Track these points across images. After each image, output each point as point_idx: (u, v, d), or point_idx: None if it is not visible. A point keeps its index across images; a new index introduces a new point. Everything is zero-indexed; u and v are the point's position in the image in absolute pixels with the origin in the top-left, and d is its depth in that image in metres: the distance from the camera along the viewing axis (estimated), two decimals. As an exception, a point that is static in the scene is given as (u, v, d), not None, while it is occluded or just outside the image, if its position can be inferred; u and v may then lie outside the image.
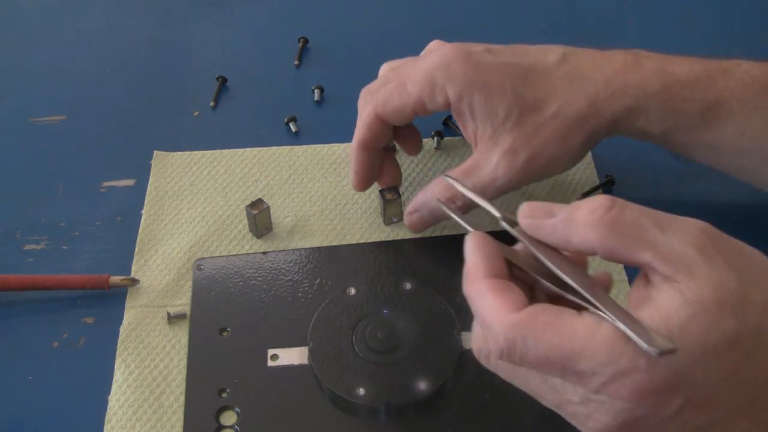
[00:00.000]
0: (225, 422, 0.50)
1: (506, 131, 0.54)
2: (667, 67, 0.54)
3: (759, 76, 0.54)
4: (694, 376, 0.36)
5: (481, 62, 0.55)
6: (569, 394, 0.38)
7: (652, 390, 0.36)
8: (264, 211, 0.59)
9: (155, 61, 0.77)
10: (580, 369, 0.36)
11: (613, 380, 0.36)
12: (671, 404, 0.36)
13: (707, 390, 0.36)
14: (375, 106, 0.57)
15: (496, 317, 0.38)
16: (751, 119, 0.53)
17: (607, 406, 0.37)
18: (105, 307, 0.57)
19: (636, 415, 0.37)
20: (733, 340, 0.36)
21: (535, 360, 0.37)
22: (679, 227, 0.38)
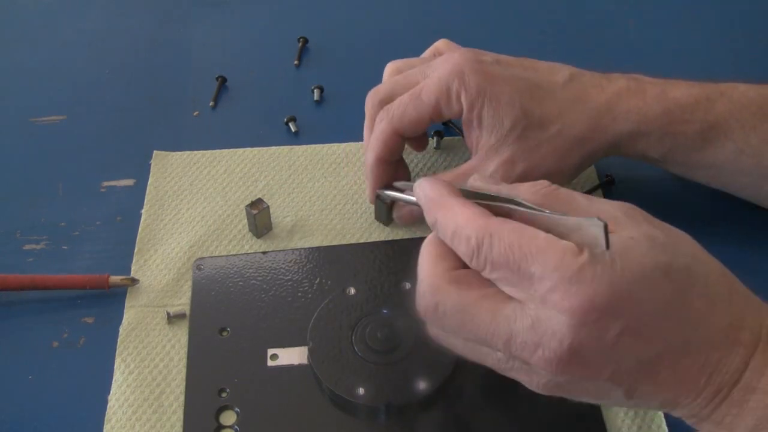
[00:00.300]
0: (225, 422, 0.50)
1: (508, 143, 0.55)
2: (668, 92, 0.56)
3: (755, 97, 0.56)
4: (632, 299, 0.39)
5: (493, 73, 0.56)
6: (519, 319, 0.40)
7: (594, 304, 0.38)
8: (264, 210, 0.59)
9: (155, 61, 0.77)
10: (532, 271, 0.39)
11: (559, 287, 0.38)
12: (613, 326, 0.38)
13: (644, 317, 0.39)
14: (391, 122, 0.57)
15: (469, 221, 0.41)
16: (750, 138, 0.55)
17: (554, 325, 0.39)
18: (105, 307, 0.57)
19: (581, 337, 0.38)
20: (666, 270, 0.39)
21: (498, 257, 0.40)
22: (607, 202, 0.43)
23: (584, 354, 0.39)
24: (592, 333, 0.38)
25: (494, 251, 0.40)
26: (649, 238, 0.40)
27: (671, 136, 0.56)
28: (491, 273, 0.41)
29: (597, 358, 0.39)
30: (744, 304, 0.42)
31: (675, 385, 0.41)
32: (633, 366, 0.40)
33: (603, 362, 0.39)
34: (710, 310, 0.40)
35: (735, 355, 0.40)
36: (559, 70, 0.57)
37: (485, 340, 0.41)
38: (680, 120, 0.55)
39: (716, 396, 0.40)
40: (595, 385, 0.41)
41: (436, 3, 0.83)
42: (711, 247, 0.59)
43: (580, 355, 0.39)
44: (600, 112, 0.56)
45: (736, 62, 0.76)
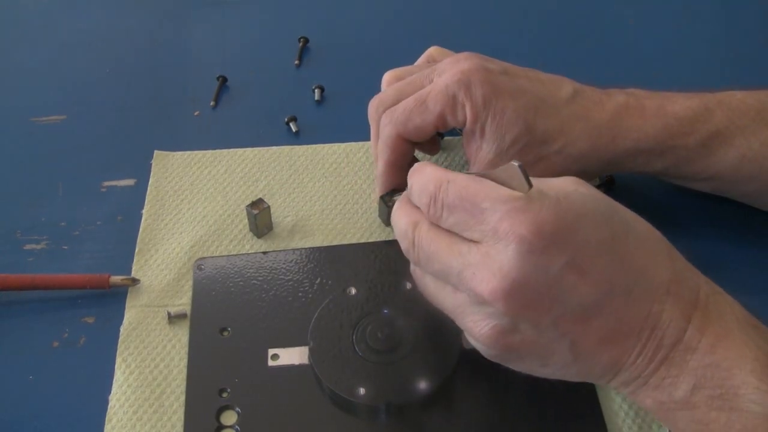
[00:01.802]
0: (225, 422, 0.50)
1: (508, 157, 0.55)
2: (666, 106, 0.56)
3: (753, 103, 0.56)
4: (577, 231, 0.40)
5: (499, 85, 0.55)
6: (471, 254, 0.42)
7: (541, 230, 0.40)
8: (264, 210, 0.59)
9: (156, 60, 0.77)
10: (484, 206, 0.41)
11: (508, 215, 0.40)
12: (557, 259, 0.40)
13: (588, 254, 0.41)
14: (396, 127, 0.57)
15: (433, 174, 0.44)
16: (751, 143, 0.55)
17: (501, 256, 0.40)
18: (105, 307, 0.56)
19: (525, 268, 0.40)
20: (607, 216, 0.42)
21: (453, 199, 0.43)
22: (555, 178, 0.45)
23: (529, 285, 0.40)
24: (538, 262, 0.40)
25: (450, 194, 0.43)
26: (593, 194, 0.43)
27: (672, 149, 0.56)
28: (448, 218, 0.43)
29: (542, 292, 0.40)
30: (682, 266, 0.43)
31: (618, 339, 0.41)
32: (577, 309, 0.41)
33: (548, 298, 0.40)
34: (651, 262, 0.42)
35: (675, 310, 0.41)
36: (562, 85, 0.57)
37: (444, 272, 0.43)
38: (680, 133, 0.55)
39: (657, 354, 0.41)
40: (540, 333, 0.41)
41: (436, 3, 0.83)
42: (711, 246, 0.60)
43: (525, 286, 0.40)
44: (601, 130, 0.56)
45: (736, 62, 0.76)
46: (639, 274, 0.41)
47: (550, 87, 0.57)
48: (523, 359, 0.43)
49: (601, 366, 0.43)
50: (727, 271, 0.58)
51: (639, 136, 0.56)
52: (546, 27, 0.80)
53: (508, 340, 0.42)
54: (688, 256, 0.59)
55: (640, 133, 0.56)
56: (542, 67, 0.59)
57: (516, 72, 0.57)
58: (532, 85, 0.56)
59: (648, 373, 0.42)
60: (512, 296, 0.40)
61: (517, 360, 0.44)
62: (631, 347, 0.42)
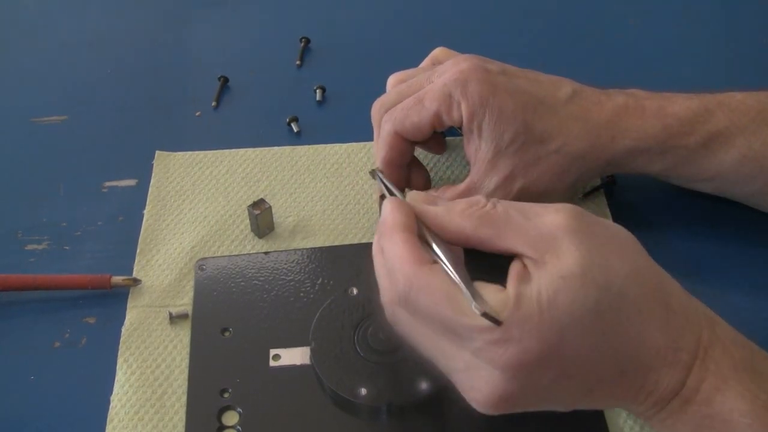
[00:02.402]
0: (227, 422, 0.50)
1: (507, 156, 0.55)
2: (666, 107, 0.56)
3: (754, 104, 0.56)
4: (564, 347, 0.39)
5: (497, 84, 0.55)
6: (456, 360, 0.41)
7: (524, 360, 0.39)
8: (266, 211, 0.59)
9: (157, 61, 0.77)
10: (459, 332, 0.40)
11: (488, 347, 0.39)
12: (545, 376, 0.40)
13: (578, 360, 0.40)
14: (394, 125, 0.57)
15: (401, 266, 0.41)
16: (751, 143, 0.55)
17: (486, 375, 0.40)
18: (107, 307, 0.57)
19: (513, 389, 0.40)
20: (596, 309, 0.39)
21: (425, 312, 0.41)
22: (547, 213, 0.42)
23: (517, 399, 0.41)
24: (524, 383, 0.40)
25: (420, 304, 0.41)
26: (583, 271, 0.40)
27: (672, 150, 0.56)
28: (423, 320, 0.42)
29: (530, 400, 0.41)
30: (682, 323, 0.42)
31: (614, 402, 0.43)
32: (568, 400, 0.42)
33: (537, 402, 0.42)
34: (644, 335, 0.41)
35: (671, 375, 0.41)
36: (562, 85, 0.57)
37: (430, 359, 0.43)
38: (680, 133, 0.55)
39: (656, 405, 0.42)
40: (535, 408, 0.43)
41: (437, 3, 0.83)
42: (710, 247, 0.60)
43: (513, 400, 0.41)
44: (600, 130, 0.55)
45: (736, 62, 0.76)
46: (632, 354, 0.41)
47: (549, 87, 0.57)
48: None
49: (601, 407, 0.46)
50: (726, 272, 0.58)
51: (638, 136, 0.56)
52: (546, 27, 0.80)
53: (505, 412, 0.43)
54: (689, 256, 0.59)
55: (639, 133, 0.56)
56: (542, 68, 0.59)
57: (515, 73, 0.57)
58: (531, 86, 0.57)
59: (649, 415, 0.43)
60: (500, 406, 0.41)
61: None
62: (628, 404, 0.43)
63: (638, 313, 0.41)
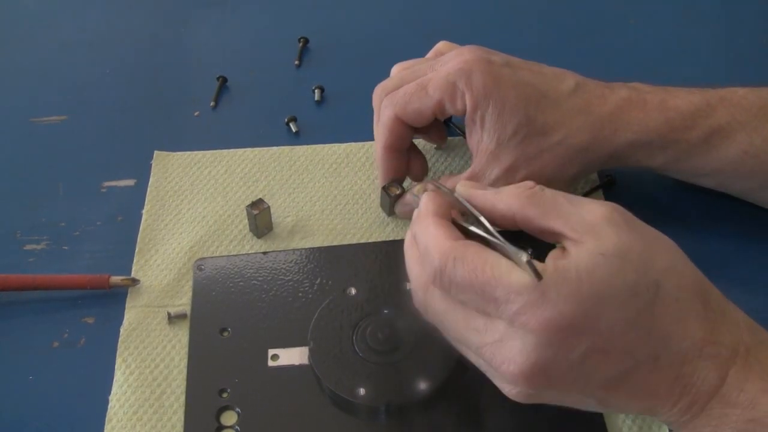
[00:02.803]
0: (225, 422, 0.50)
1: (510, 148, 0.55)
2: (668, 101, 0.56)
3: (755, 100, 0.56)
4: (599, 317, 0.39)
5: (500, 75, 0.55)
6: (489, 332, 0.41)
7: (560, 323, 0.39)
8: (264, 211, 0.59)
9: (155, 60, 0.77)
10: (497, 295, 0.40)
11: (524, 309, 0.39)
12: (578, 345, 0.40)
13: (612, 335, 0.40)
14: (395, 109, 0.57)
15: (436, 243, 0.43)
16: (753, 139, 0.55)
17: (519, 341, 0.40)
18: (105, 307, 0.56)
19: (547, 357, 0.40)
20: (634, 289, 0.40)
21: (462, 281, 0.41)
22: (592, 204, 0.43)
23: (550, 371, 0.40)
24: (558, 351, 0.40)
25: (458, 274, 0.41)
26: (622, 253, 0.41)
27: (673, 144, 0.56)
28: (458, 294, 0.42)
29: (564, 375, 0.40)
30: (720, 319, 0.42)
31: (648, 397, 0.41)
32: (601, 382, 0.41)
33: (570, 379, 0.41)
34: (681, 324, 0.41)
35: (708, 369, 0.40)
36: (565, 78, 0.57)
37: (460, 342, 0.44)
38: (682, 127, 0.55)
39: (693, 407, 0.41)
40: (566, 396, 0.42)
41: (436, 3, 0.83)
42: (711, 246, 0.60)
43: (546, 372, 0.40)
44: (602, 123, 0.56)
45: (737, 62, 0.76)
46: (666, 341, 0.41)
47: (552, 80, 0.57)
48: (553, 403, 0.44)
49: (633, 411, 0.43)
50: (729, 270, 0.58)
51: (640, 129, 0.56)
52: (546, 27, 0.80)
53: (534, 399, 0.42)
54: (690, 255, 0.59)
55: (641, 126, 0.56)
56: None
57: (519, 65, 0.58)
58: (534, 78, 0.57)
59: (685, 420, 0.42)
60: (533, 379, 0.40)
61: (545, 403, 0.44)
62: (663, 401, 0.41)
63: (675, 301, 0.41)
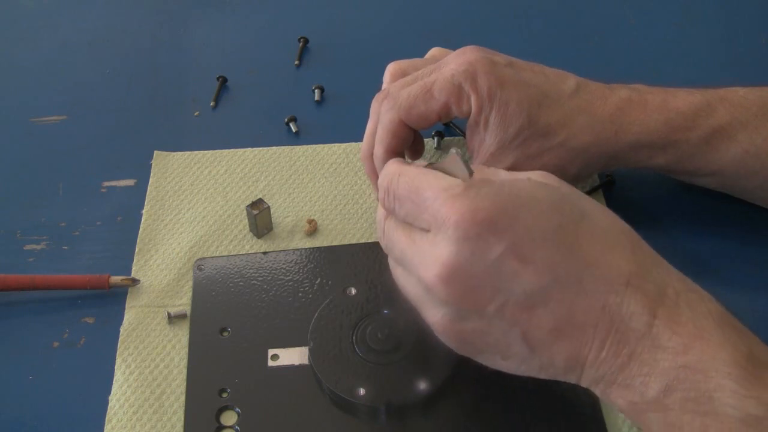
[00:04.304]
0: (225, 422, 0.50)
1: (511, 150, 0.56)
2: (669, 101, 0.56)
3: (756, 99, 0.56)
4: (516, 218, 0.40)
5: (504, 76, 0.55)
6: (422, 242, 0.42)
7: (475, 217, 0.40)
8: (264, 211, 0.59)
9: (155, 60, 0.77)
10: (426, 196, 0.42)
11: (446, 202, 0.41)
12: (495, 245, 0.40)
13: (528, 241, 0.40)
14: (399, 112, 0.56)
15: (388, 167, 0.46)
16: (754, 139, 0.55)
17: (441, 241, 0.41)
18: (105, 307, 0.57)
19: (462, 253, 0.40)
20: (557, 205, 0.41)
21: (402, 192, 0.44)
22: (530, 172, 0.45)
23: (467, 271, 0.40)
24: (475, 249, 0.40)
25: (400, 186, 0.44)
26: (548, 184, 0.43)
27: (674, 144, 0.56)
28: (400, 209, 0.44)
29: (481, 279, 0.40)
30: (649, 261, 0.42)
31: (573, 331, 0.40)
32: (520, 298, 0.40)
33: (489, 286, 0.40)
34: (607, 253, 0.41)
35: (637, 302, 0.40)
36: (566, 79, 0.57)
37: (402, 260, 0.45)
38: (682, 128, 0.56)
39: (622, 350, 0.40)
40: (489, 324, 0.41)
41: (436, 3, 0.83)
42: (710, 246, 0.60)
43: (462, 272, 0.40)
44: (603, 124, 0.56)
45: (736, 62, 0.76)
46: (590, 265, 0.40)
47: (554, 81, 0.57)
48: (483, 352, 0.44)
49: (561, 360, 0.41)
50: (727, 270, 0.58)
51: (641, 130, 0.56)
52: (546, 27, 0.80)
53: (457, 329, 0.43)
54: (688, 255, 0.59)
55: (642, 126, 0.56)
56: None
57: (521, 65, 0.58)
58: (537, 78, 0.57)
59: (615, 369, 0.40)
60: (450, 283, 0.41)
61: (477, 353, 0.44)
62: (590, 340, 0.40)
63: (602, 232, 0.41)
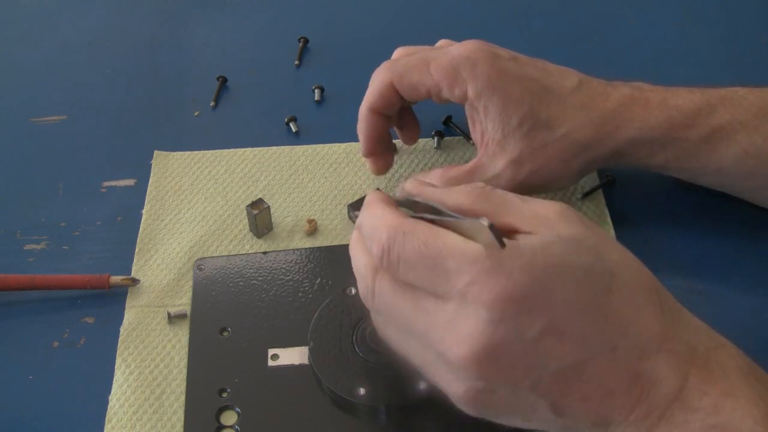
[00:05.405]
0: (225, 422, 0.50)
1: (516, 140, 0.56)
2: (669, 99, 0.57)
3: (756, 100, 0.56)
4: (554, 293, 0.38)
5: (506, 68, 0.56)
6: (438, 313, 0.39)
7: (515, 295, 0.37)
8: (264, 210, 0.59)
9: (155, 60, 0.77)
10: (448, 267, 0.38)
11: (477, 279, 0.37)
12: (533, 323, 0.37)
13: (568, 314, 0.38)
14: (392, 75, 0.57)
15: (385, 221, 0.41)
16: (754, 139, 0.55)
17: (471, 319, 0.37)
18: (105, 307, 0.57)
19: (500, 336, 0.37)
20: (590, 271, 0.39)
21: (411, 255, 0.39)
22: (543, 202, 0.42)
23: (503, 351, 0.37)
24: (512, 328, 0.37)
25: (407, 248, 0.39)
26: (576, 239, 0.40)
27: (674, 142, 0.56)
28: (407, 273, 0.40)
29: (517, 360, 0.38)
30: (677, 318, 0.40)
31: (604, 398, 0.38)
32: (555, 373, 0.38)
33: (523, 364, 0.38)
34: (637, 316, 0.39)
35: (668, 367, 0.38)
36: (568, 76, 0.58)
37: (408, 329, 0.41)
38: (683, 126, 0.56)
39: (651, 413, 0.38)
40: (517, 395, 0.39)
41: (436, 3, 0.83)
42: (710, 246, 0.60)
43: (498, 353, 0.37)
44: (605, 119, 0.56)
45: (736, 62, 0.76)
46: (623, 331, 0.38)
47: (556, 76, 0.58)
48: (503, 416, 0.41)
49: (588, 422, 0.39)
50: (728, 271, 0.58)
51: (642, 127, 0.56)
52: (546, 27, 0.80)
53: (484, 401, 0.39)
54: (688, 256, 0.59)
55: (643, 123, 0.56)
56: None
57: (524, 60, 0.58)
58: (539, 73, 0.57)
59: (643, 430, 0.38)
60: (484, 363, 0.38)
61: (495, 417, 0.41)
62: (619, 405, 0.38)
63: (631, 292, 0.39)
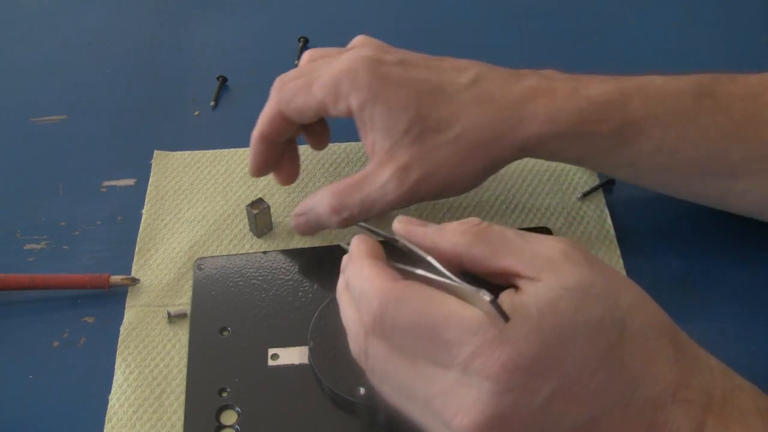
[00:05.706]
0: (225, 422, 0.50)
1: (404, 147, 0.53)
2: (580, 89, 0.53)
3: (672, 90, 0.53)
4: (565, 356, 0.36)
5: (389, 75, 0.53)
6: (439, 382, 0.37)
7: (520, 365, 0.35)
8: (264, 210, 0.59)
9: (156, 60, 0.77)
10: (448, 337, 0.36)
11: (480, 351, 0.35)
12: (542, 389, 0.36)
13: (580, 375, 0.36)
14: (279, 103, 0.56)
15: (373, 285, 0.38)
16: (667, 135, 0.52)
17: (474, 389, 0.36)
18: (105, 307, 0.57)
19: (506, 405, 0.35)
20: (601, 325, 0.36)
21: (405, 324, 0.37)
22: (545, 239, 0.40)
23: (510, 419, 0.36)
24: (520, 398, 0.35)
25: (401, 318, 0.37)
26: (585, 288, 0.37)
27: (585, 136, 0.53)
28: (401, 341, 0.38)
29: (526, 424, 0.36)
30: (692, 363, 0.39)
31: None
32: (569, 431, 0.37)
33: (533, 426, 0.36)
34: (651, 366, 0.37)
35: (685, 416, 0.37)
36: (464, 70, 0.54)
37: (407, 393, 0.40)
38: (594, 119, 0.52)
39: None
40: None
41: (435, 3, 0.83)
42: (711, 248, 0.60)
43: (505, 423, 0.36)
44: (504, 115, 0.52)
45: (736, 62, 0.75)
46: (637, 384, 0.37)
47: (450, 73, 0.54)
48: None
49: None
50: (728, 271, 0.58)
51: (549, 120, 0.52)
52: (546, 27, 0.80)
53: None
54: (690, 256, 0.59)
55: (549, 117, 0.52)
56: (541, 68, 0.59)
57: (414, 62, 0.55)
58: (430, 74, 0.54)
59: None
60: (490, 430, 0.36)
61: None
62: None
63: (644, 340, 0.38)
